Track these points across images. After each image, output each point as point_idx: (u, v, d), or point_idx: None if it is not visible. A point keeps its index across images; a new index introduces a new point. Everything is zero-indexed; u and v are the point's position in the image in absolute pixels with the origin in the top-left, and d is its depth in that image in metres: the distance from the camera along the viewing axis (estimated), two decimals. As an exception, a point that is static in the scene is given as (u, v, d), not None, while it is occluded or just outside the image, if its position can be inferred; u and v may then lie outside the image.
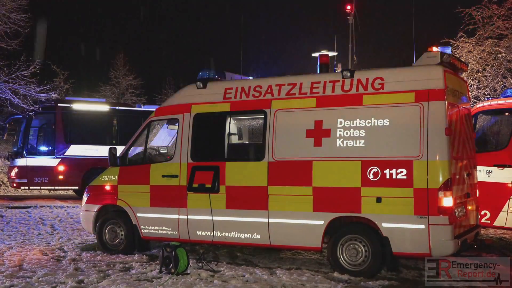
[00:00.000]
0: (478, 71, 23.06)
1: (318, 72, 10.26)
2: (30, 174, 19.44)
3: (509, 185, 11.22)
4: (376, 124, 8.69)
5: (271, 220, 9.29)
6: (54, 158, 19.55)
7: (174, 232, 10.11)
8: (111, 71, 43.48)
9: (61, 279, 8.55)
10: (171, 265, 8.85)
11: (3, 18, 20.71)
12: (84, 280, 8.52)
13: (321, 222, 8.94)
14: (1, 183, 24.45)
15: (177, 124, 10.31)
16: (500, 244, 11.97)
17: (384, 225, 8.55)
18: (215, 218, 9.70)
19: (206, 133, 10.19)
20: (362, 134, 8.75)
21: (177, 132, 10.28)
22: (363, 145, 8.73)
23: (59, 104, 20.12)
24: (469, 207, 9.30)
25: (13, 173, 20.04)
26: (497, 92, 22.01)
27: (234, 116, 10.12)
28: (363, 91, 8.89)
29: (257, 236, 9.45)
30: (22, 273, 8.99)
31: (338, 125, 8.92)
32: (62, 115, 19.75)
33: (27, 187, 20.16)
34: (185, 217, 9.97)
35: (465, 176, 9.20)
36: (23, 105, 20.18)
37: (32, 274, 8.86)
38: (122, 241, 10.63)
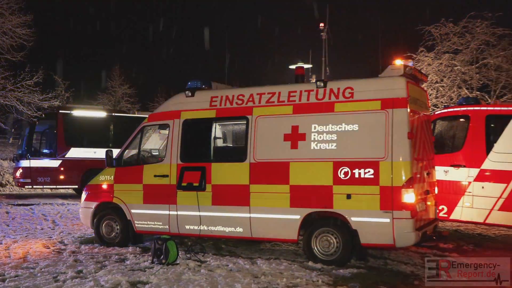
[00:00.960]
0: (436, 82, 23.26)
1: (294, 82, 10.26)
2: (33, 175, 19.31)
3: (464, 183, 11.33)
4: (346, 129, 8.72)
5: (252, 215, 9.27)
6: (56, 159, 19.42)
7: (165, 227, 10.05)
8: (108, 81, 43.41)
9: (62, 269, 8.47)
10: (162, 256, 8.82)
11: (9, 33, 20.61)
12: (83, 270, 8.43)
13: (297, 217, 8.94)
14: (7, 183, 24.26)
15: (167, 129, 10.26)
16: (455, 236, 12.05)
17: (353, 219, 8.57)
18: (202, 213, 9.67)
19: (194, 137, 10.15)
20: (334, 137, 8.77)
21: (168, 136, 10.23)
22: (335, 147, 8.75)
23: (60, 111, 19.99)
24: (429, 203, 9.37)
25: (18, 174, 19.91)
26: (453, 100, 22.21)
27: (219, 122, 10.08)
28: (335, 99, 8.91)
29: (240, 229, 9.42)
30: (26, 264, 8.89)
31: (313, 130, 8.94)
32: (63, 121, 19.63)
33: (30, 186, 19.99)
34: (175, 213, 9.92)
35: (425, 175, 9.27)
36: (27, 112, 20.07)
37: (35, 265, 8.77)
38: (118, 235, 10.55)
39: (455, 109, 12.27)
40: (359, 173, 8.53)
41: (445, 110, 12.63)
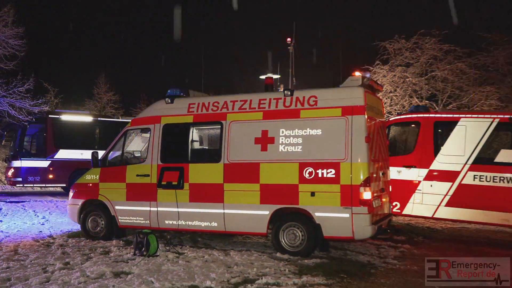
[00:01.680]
0: (390, 92, 23.51)
1: (264, 91, 10.29)
2: (24, 174, 19.02)
3: (415, 182, 11.46)
4: (310, 133, 8.77)
5: (226, 211, 9.25)
6: (45, 160, 19.14)
7: (146, 221, 9.96)
8: (94, 89, 42.81)
9: (50, 261, 8.35)
10: (143, 248, 8.76)
11: (2, 43, 20.31)
12: (70, 262, 8.32)
13: (267, 212, 8.96)
14: (0, 181, 23.77)
15: (149, 133, 10.19)
16: (407, 228, 12.24)
17: (317, 214, 8.62)
18: (180, 209, 9.61)
19: (173, 140, 10.09)
20: (299, 141, 8.82)
21: (149, 139, 10.15)
22: (300, 150, 8.79)
23: (49, 116, 19.71)
24: (384, 199, 9.47)
25: (10, 173, 19.58)
26: (405, 108, 22.48)
27: (196, 126, 10.04)
28: (301, 107, 8.96)
29: (214, 224, 9.39)
30: (17, 257, 8.72)
31: (281, 134, 8.97)
32: (52, 125, 19.36)
33: (22, 185, 19.64)
34: (155, 209, 9.84)
35: (381, 175, 9.38)
36: (19, 116, 19.78)
37: (26, 258, 8.61)
38: (103, 229, 10.43)
39: (407, 116, 12.42)
40: (322, 173, 8.59)
41: (398, 117, 12.79)
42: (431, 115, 11.92)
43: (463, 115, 11.48)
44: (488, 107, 21.24)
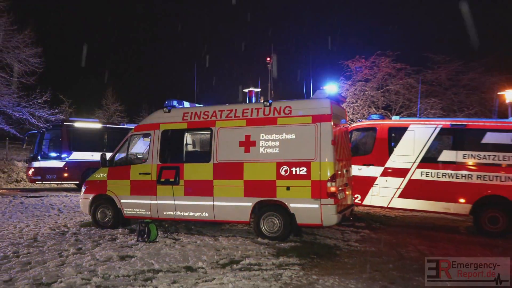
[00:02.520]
0: (352, 103, 23.70)
1: (247, 102, 10.29)
2: (43, 173, 18.78)
3: (373, 177, 11.48)
4: (286, 137, 8.79)
5: (215, 203, 9.22)
6: (61, 161, 18.90)
7: (147, 213, 9.88)
8: (103, 100, 42.44)
9: (65, 247, 8.24)
10: (145, 235, 8.71)
11: (23, 62, 20.08)
12: (82, 247, 8.22)
13: (249, 204, 8.95)
14: (21, 179, 23.35)
15: (149, 137, 10.12)
16: (367, 217, 12.33)
17: (292, 205, 8.64)
18: (176, 202, 9.55)
19: (170, 143, 10.02)
20: (277, 144, 8.83)
21: (150, 143, 10.08)
22: (278, 151, 8.81)
23: (65, 123, 19.46)
24: (347, 192, 9.52)
25: (30, 172, 19.28)
26: (365, 116, 22.68)
27: (190, 132, 10.00)
28: (278, 115, 8.97)
29: (205, 214, 9.35)
30: (36, 244, 8.59)
31: (261, 138, 8.97)
32: (67, 131, 19.12)
33: (40, 182, 19.36)
34: (155, 202, 9.76)
35: (345, 172, 9.43)
36: (38, 124, 19.54)
37: (44, 244, 8.48)
38: (110, 220, 10.31)
39: (366, 123, 12.49)
40: (296, 171, 8.61)
41: (359, 124, 12.88)
42: (386, 122, 12.00)
43: (412, 122, 11.57)
44: (432, 115, 21.56)
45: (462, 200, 10.48)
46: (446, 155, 10.82)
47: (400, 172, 11.18)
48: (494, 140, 10.46)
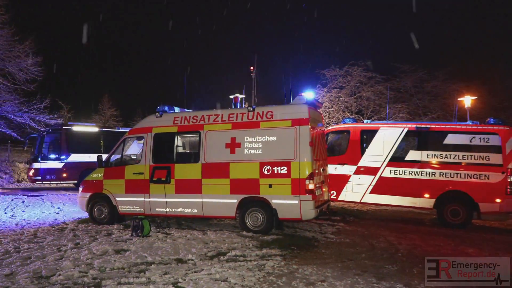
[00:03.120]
0: (328, 108, 23.88)
1: (233, 107, 10.26)
2: (43, 173, 18.40)
3: (347, 175, 11.57)
4: (268, 140, 8.79)
5: (204, 200, 9.15)
6: (60, 162, 18.53)
7: (141, 209, 9.76)
8: (99, 105, 41.98)
9: (64, 242, 8.08)
10: (138, 230, 8.59)
11: (24, 70, 19.71)
12: (80, 242, 8.06)
13: (235, 200, 8.92)
14: (23, 179, 22.89)
15: (143, 140, 10.00)
16: (342, 211, 12.41)
17: (274, 201, 8.64)
18: (168, 199, 9.45)
19: (162, 145, 9.91)
20: (260, 145, 8.82)
21: (143, 145, 9.97)
22: (261, 152, 8.79)
23: (63, 127, 19.11)
24: (324, 189, 9.56)
25: (31, 173, 18.87)
26: (339, 120, 22.88)
27: (180, 135, 9.91)
28: (260, 119, 8.96)
29: (195, 210, 9.28)
30: (37, 239, 8.41)
31: (245, 140, 8.94)
32: (65, 134, 18.77)
33: (41, 182, 18.96)
34: (148, 199, 9.65)
35: (321, 170, 9.47)
36: (38, 128, 19.19)
37: (43, 240, 8.31)
38: (106, 216, 10.16)
39: (341, 126, 12.57)
40: (277, 170, 8.60)
41: (334, 127, 12.96)
42: (358, 125, 12.08)
43: (382, 125, 11.68)
44: (400, 119, 21.84)
45: (426, 195, 10.63)
46: (412, 155, 10.95)
47: (371, 171, 11.27)
48: (454, 141, 10.64)
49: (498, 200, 10.02)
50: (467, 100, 20.02)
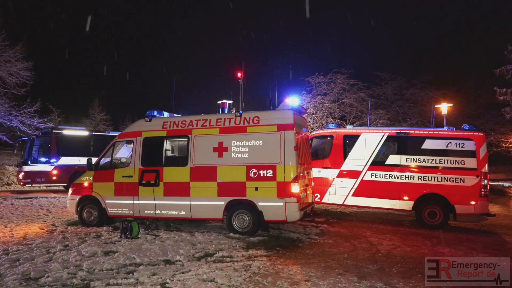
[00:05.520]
0: (313, 113, 24.01)
1: (220, 112, 10.24)
2: (33, 176, 18.05)
3: (330, 179, 11.65)
4: (254, 144, 8.79)
5: (192, 202, 9.10)
6: (50, 165, 18.22)
7: (130, 212, 9.65)
8: (90, 110, 41.34)
9: (53, 244, 7.94)
10: (127, 232, 8.51)
11: (15, 74, 19.35)
12: (69, 244, 7.93)
13: (222, 203, 8.88)
14: (12, 182, 22.41)
15: (132, 144, 9.91)
16: (325, 213, 12.46)
17: (260, 203, 8.63)
18: (156, 202, 9.37)
19: (151, 149, 9.82)
20: (246, 150, 8.81)
21: (132, 149, 9.87)
22: (247, 156, 8.78)
23: (53, 131, 18.78)
24: (308, 192, 9.58)
25: (21, 176, 18.49)
26: (323, 125, 23.05)
27: (169, 139, 9.84)
28: (247, 124, 8.97)
29: (183, 212, 9.22)
30: (26, 242, 8.23)
31: (233, 144, 8.93)
32: (55, 138, 18.46)
33: (30, 185, 18.59)
34: (137, 202, 9.55)
35: (306, 174, 9.48)
36: (28, 131, 18.84)
37: (32, 242, 8.14)
38: (95, 219, 10.01)
39: (324, 131, 12.61)
40: (263, 173, 8.60)
41: (318, 132, 13.03)
42: (341, 131, 12.13)
43: (363, 130, 11.77)
44: (381, 124, 22.11)
45: (406, 198, 10.75)
46: (392, 159, 11.07)
47: (353, 174, 11.34)
48: (432, 146, 10.80)
49: (472, 202, 10.21)
50: (444, 107, 20.39)
